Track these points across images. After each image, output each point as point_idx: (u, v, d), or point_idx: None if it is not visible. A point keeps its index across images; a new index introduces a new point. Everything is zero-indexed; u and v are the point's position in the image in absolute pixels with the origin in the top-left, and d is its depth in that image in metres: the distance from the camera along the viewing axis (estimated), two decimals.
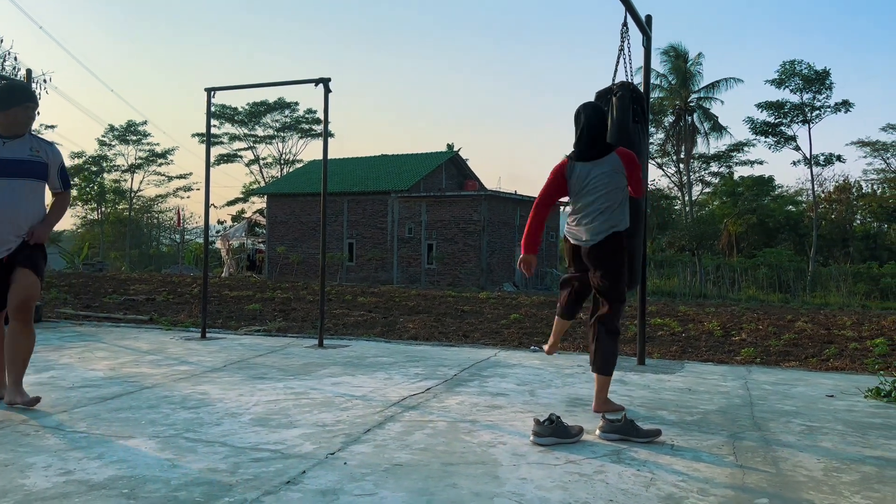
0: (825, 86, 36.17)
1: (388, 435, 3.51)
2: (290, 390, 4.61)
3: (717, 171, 45.70)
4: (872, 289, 29.91)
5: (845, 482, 2.93)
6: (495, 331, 10.59)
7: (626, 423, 3.51)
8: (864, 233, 44.38)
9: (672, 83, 40.13)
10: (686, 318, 14.01)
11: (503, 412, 4.09)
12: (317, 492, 2.67)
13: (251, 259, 39.78)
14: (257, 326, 9.94)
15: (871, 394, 4.87)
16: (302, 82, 7.06)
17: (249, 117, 54.17)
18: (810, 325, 13.02)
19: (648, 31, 6.12)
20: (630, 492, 2.75)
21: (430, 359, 6.15)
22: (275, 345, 6.96)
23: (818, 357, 8.36)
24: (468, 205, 32.08)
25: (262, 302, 15.18)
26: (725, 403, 4.52)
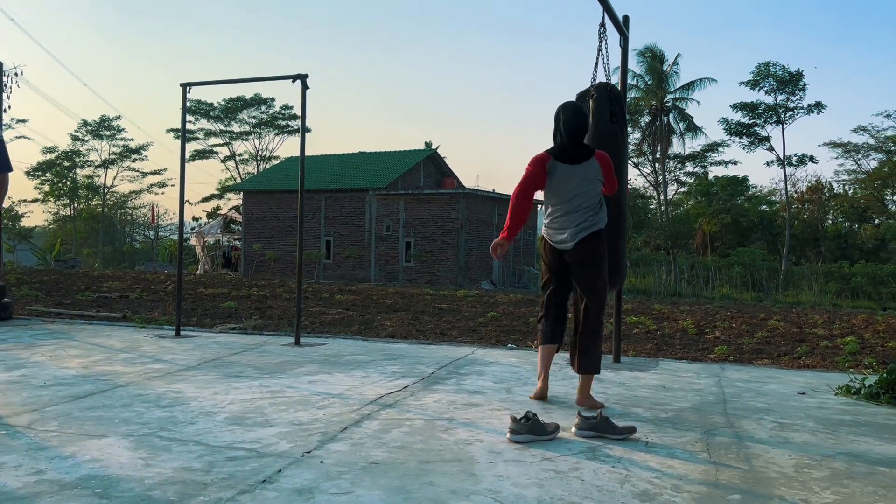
0: (798, 87, 36.71)
1: (364, 433, 3.51)
2: (265, 389, 4.58)
3: (692, 171, 46.21)
4: (843, 288, 30.44)
5: (816, 478, 2.98)
6: (473, 329, 10.61)
7: (602, 421, 3.54)
8: (836, 233, 45.13)
9: (648, 83, 40.45)
10: (661, 316, 14.15)
11: (480, 410, 4.10)
12: (293, 491, 2.66)
13: (227, 256, 39.45)
14: (233, 324, 9.85)
15: (841, 391, 4.95)
16: (279, 78, 7.02)
17: (225, 113, 53.66)
18: (783, 323, 13.22)
19: (626, 31, 6.16)
20: (605, 488, 2.77)
21: (408, 357, 6.15)
22: (250, 343, 6.91)
23: (790, 355, 8.49)
24: (446, 203, 32.09)
25: (237, 300, 15.05)
26: (699, 401, 4.57)
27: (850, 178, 43.42)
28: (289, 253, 34.85)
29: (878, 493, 2.81)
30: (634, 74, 39.75)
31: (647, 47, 40.00)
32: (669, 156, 42.86)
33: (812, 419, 4.12)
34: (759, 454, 3.33)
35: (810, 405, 4.54)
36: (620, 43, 6.19)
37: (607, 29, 5.41)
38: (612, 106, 5.00)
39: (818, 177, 54.81)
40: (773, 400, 4.67)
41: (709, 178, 47.01)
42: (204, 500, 2.55)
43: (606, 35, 5.36)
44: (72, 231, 57.76)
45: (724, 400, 4.63)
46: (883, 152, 39.77)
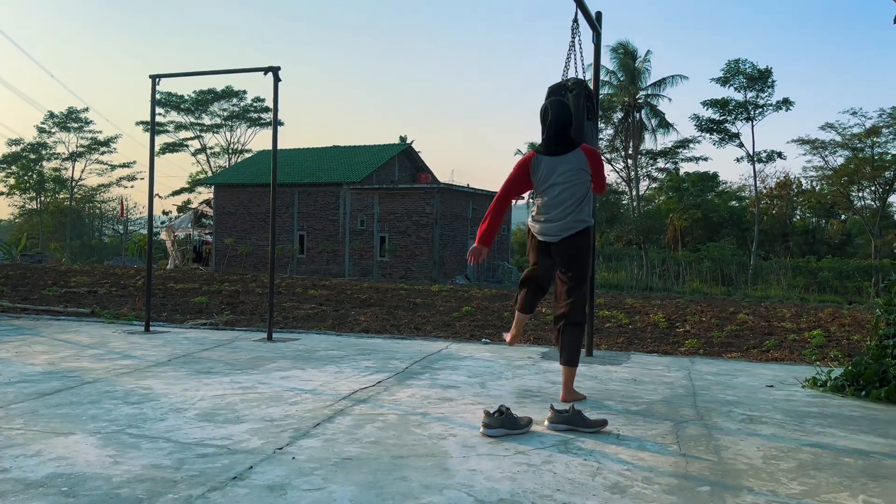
0: (767, 84, 37.27)
1: (337, 429, 3.49)
2: (237, 385, 4.54)
3: (663, 167, 46.69)
4: (811, 282, 31.00)
5: (783, 469, 3.03)
6: (447, 323, 10.62)
7: (574, 414, 3.57)
8: (804, 228, 45.96)
9: (621, 80, 40.75)
10: (633, 310, 14.29)
11: (454, 404, 4.11)
12: (264, 487, 2.64)
13: (197, 251, 39.00)
14: (204, 320, 9.75)
15: (808, 384, 5.04)
16: (251, 70, 6.94)
17: (196, 105, 53.00)
18: (751, 317, 13.43)
19: (598, 27, 6.19)
20: (577, 481, 2.79)
21: (382, 352, 6.14)
22: (222, 338, 6.84)
23: (759, 348, 8.63)
24: (421, 197, 32.05)
25: (208, 295, 14.90)
26: (669, 393, 4.62)
27: (818, 175, 44.25)
28: (261, 247, 34.55)
29: (843, 483, 2.87)
30: (607, 71, 40.03)
31: (619, 43, 40.31)
32: (641, 152, 43.25)
33: (780, 411, 4.19)
34: (728, 446, 3.38)
35: (778, 398, 4.62)
36: (593, 39, 6.22)
37: (580, 25, 5.43)
38: (588, 102, 5.02)
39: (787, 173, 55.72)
40: (741, 392, 4.74)
41: (680, 174, 47.56)
42: (174, 497, 2.52)
43: (579, 31, 5.37)
44: (38, 225, 56.66)
45: (694, 393, 4.68)
46: (849, 149, 40.56)
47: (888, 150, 39.17)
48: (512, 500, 2.56)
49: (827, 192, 44.11)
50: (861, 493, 2.75)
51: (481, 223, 4.28)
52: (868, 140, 39.18)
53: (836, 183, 41.90)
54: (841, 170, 41.17)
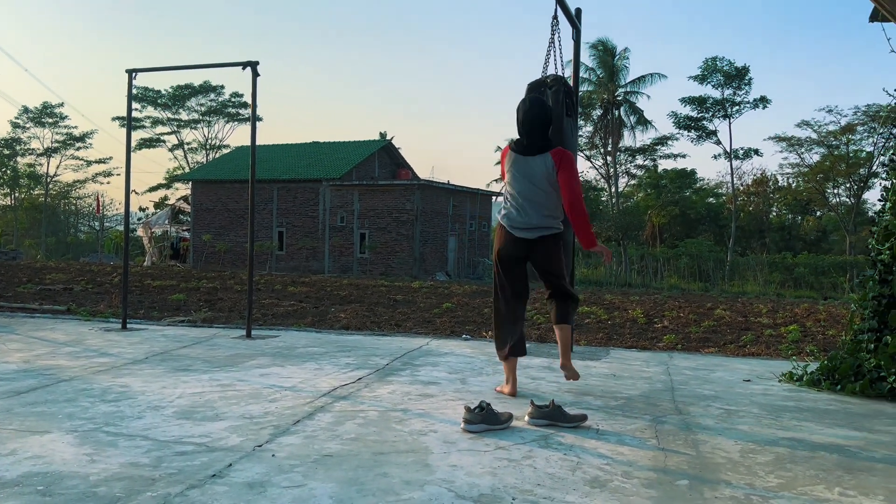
0: (745, 82, 37.65)
1: (318, 426, 3.48)
2: (215, 382, 4.50)
3: (642, 164, 47.00)
4: (787, 278, 31.40)
5: (760, 463, 3.07)
6: (428, 320, 10.62)
7: (554, 409, 3.58)
8: (780, 224, 46.52)
9: (600, 77, 40.95)
10: (612, 305, 14.38)
11: (435, 400, 4.11)
12: (243, 484, 2.62)
13: (175, 247, 38.62)
14: (181, 317, 9.67)
15: (784, 378, 5.11)
16: (229, 65, 6.87)
17: (173, 100, 52.42)
18: (728, 312, 13.57)
19: (578, 24, 6.21)
20: (557, 476, 2.80)
21: (362, 348, 6.12)
22: (200, 336, 6.79)
23: (736, 343, 8.73)
24: (401, 194, 31.99)
25: (186, 292, 14.76)
26: (648, 388, 4.66)
27: (794, 172, 44.81)
28: (240, 244, 34.30)
29: (819, 476, 2.91)
30: (586, 68, 40.19)
31: (598, 41, 40.52)
32: (620, 149, 43.54)
33: (757, 405, 4.24)
34: (706, 440, 3.41)
35: (755, 392, 4.67)
36: (573, 36, 6.24)
37: (560, 21, 5.44)
38: (567, 99, 5.03)
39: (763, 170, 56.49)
40: (719, 387, 4.79)
41: (658, 171, 47.91)
42: (152, 495, 2.49)
43: (559, 28, 5.39)
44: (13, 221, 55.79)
45: (673, 387, 4.73)
46: (825, 146, 41.11)
47: (863, 148, 39.81)
48: (492, 495, 2.57)
49: (803, 188, 44.68)
50: (837, 485, 2.79)
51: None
52: (843, 137, 39.75)
53: (812, 180, 42.46)
54: (816, 167, 41.73)
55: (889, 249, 4.75)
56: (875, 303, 4.85)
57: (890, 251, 4.74)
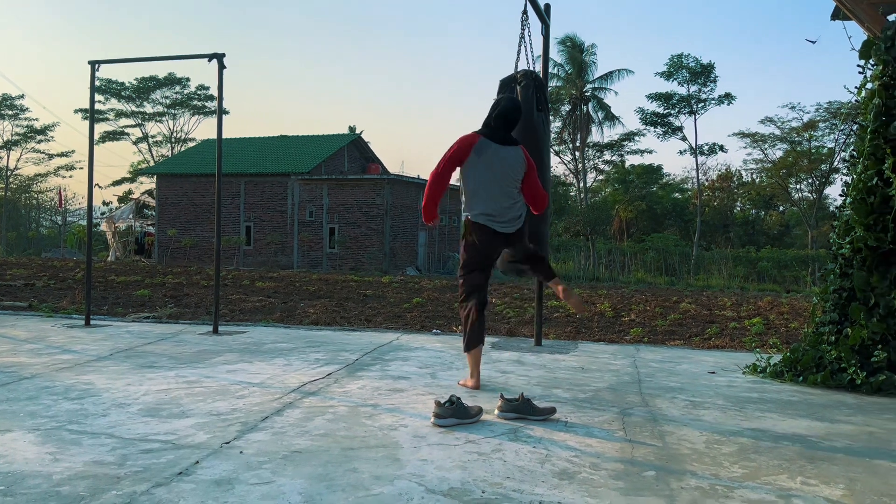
0: (710, 79, 38.17)
1: (286, 422, 3.45)
2: (182, 379, 4.45)
3: (609, 160, 47.44)
4: (750, 271, 31.95)
5: (725, 453, 3.13)
6: (398, 315, 10.61)
7: (523, 402, 3.61)
8: (744, 219, 47.31)
9: (569, 73, 41.18)
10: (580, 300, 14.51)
11: (405, 395, 4.11)
12: (211, 482, 2.59)
13: (139, 242, 37.99)
14: (147, 313, 9.52)
15: (748, 370, 5.21)
16: (194, 57, 6.78)
17: (137, 93, 51.46)
18: (694, 305, 13.78)
19: (547, 19, 6.23)
20: (526, 468, 2.82)
21: (332, 344, 6.09)
22: (166, 332, 6.69)
23: (701, 336, 8.87)
24: (371, 188, 31.85)
25: (151, 287, 14.55)
26: (616, 381, 4.72)
27: (758, 167, 45.57)
28: (206, 239, 33.87)
29: (783, 465, 2.97)
30: (555, 63, 40.39)
31: (567, 36, 40.69)
32: (589, 144, 43.84)
33: (721, 397, 4.31)
34: (673, 431, 3.47)
35: (720, 384, 4.76)
36: (542, 31, 6.26)
37: (529, 17, 5.46)
38: (538, 94, 5.06)
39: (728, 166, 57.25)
40: (685, 379, 4.87)
41: (625, 167, 48.39)
42: (117, 494, 2.45)
43: (529, 23, 5.41)
44: None
45: (639, 380, 4.79)
46: (787, 142, 41.86)
47: (825, 144, 40.62)
48: (462, 488, 2.58)
49: (766, 184, 45.49)
50: (799, 474, 2.85)
51: (425, 201, 4.21)
52: (806, 134, 40.52)
53: (775, 175, 43.23)
54: (780, 162, 42.50)
55: (849, 244, 4.86)
56: (836, 296, 4.96)
57: (850, 245, 4.85)
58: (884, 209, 4.73)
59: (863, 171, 4.87)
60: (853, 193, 4.92)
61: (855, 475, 2.85)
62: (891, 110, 4.77)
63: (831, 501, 2.56)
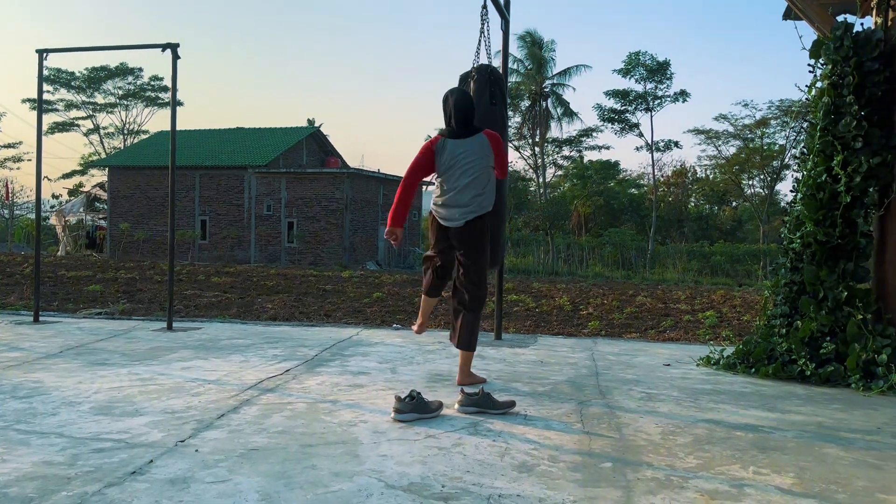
0: (666, 76, 38.77)
1: (243, 419, 3.40)
2: (135, 376, 4.35)
3: (568, 155, 47.88)
4: (704, 265, 32.61)
5: (680, 444, 3.18)
6: (358, 309, 10.55)
7: (483, 396, 3.62)
8: (698, 214, 48.25)
9: (528, 68, 41.40)
10: (539, 294, 14.63)
11: (365, 391, 4.08)
12: (165, 481, 2.54)
13: (91, 236, 37.04)
14: (98, 309, 9.30)
15: (702, 362, 5.31)
16: (147, 47, 6.62)
17: (88, 83, 50.09)
18: (649, 299, 14.01)
19: (507, 14, 6.25)
20: (486, 462, 2.83)
21: (290, 339, 6.02)
22: (118, 328, 6.54)
23: (656, 329, 9.02)
24: (330, 182, 31.57)
25: (103, 283, 14.21)
26: (574, 374, 4.76)
27: (711, 164, 46.49)
28: (160, 233, 33.20)
29: (735, 456, 3.04)
30: (515, 59, 40.55)
31: (527, 32, 40.91)
32: (548, 140, 44.17)
33: (676, 389, 4.39)
34: (629, 423, 3.52)
35: (675, 376, 4.84)
36: (502, 26, 6.27)
37: (489, 11, 5.46)
38: (492, 88, 5.06)
39: (682, 162, 58.33)
40: (641, 371, 4.94)
41: (584, 162, 48.90)
42: (67, 495, 2.38)
43: (488, 17, 5.40)
44: None
45: (597, 372, 4.84)
46: (740, 139, 42.81)
47: (776, 141, 41.65)
48: (422, 483, 2.57)
49: (719, 180, 46.45)
50: (751, 464, 2.92)
51: (393, 206, 4.26)
52: (758, 131, 41.48)
53: (728, 171, 44.17)
54: (733, 159, 43.43)
55: (800, 239, 4.99)
56: (787, 289, 5.09)
57: (801, 240, 4.98)
58: (832, 205, 4.87)
59: (812, 167, 5.00)
60: (803, 189, 5.05)
61: (804, 464, 2.93)
62: (839, 109, 4.91)
63: (782, 490, 2.62)
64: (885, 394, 4.35)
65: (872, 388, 4.41)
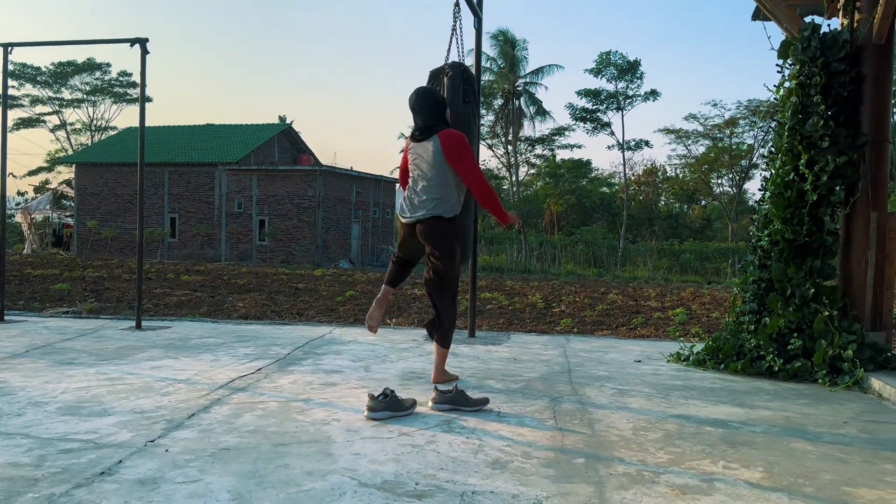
0: (636, 75, 39.14)
1: (214, 419, 3.36)
2: (103, 376, 4.28)
3: (541, 154, 48.13)
4: (674, 263, 33.01)
5: (651, 440, 3.21)
6: (331, 308, 10.50)
7: (457, 394, 3.62)
8: (668, 213, 48.82)
9: (501, 67, 41.52)
10: (513, 291, 14.69)
11: (338, 389, 4.06)
12: (135, 481, 2.50)
13: (57, 234, 36.37)
14: (65, 308, 9.14)
15: (672, 358, 5.37)
16: (116, 41, 6.51)
17: (55, 78, 49.15)
18: (621, 297, 14.15)
19: (479, 12, 6.25)
20: (460, 459, 2.84)
21: (262, 338, 5.97)
22: (86, 327, 6.43)
23: (627, 326, 9.11)
24: (303, 180, 31.36)
25: (70, 281, 13.96)
26: (546, 371, 4.79)
27: (681, 163, 47.08)
28: (128, 231, 32.69)
29: (706, 451, 3.08)
30: (488, 57, 40.65)
31: (499, 31, 41.03)
32: (521, 138, 44.36)
33: (647, 385, 4.43)
34: (601, 419, 3.54)
35: (646, 372, 4.89)
36: (475, 24, 6.27)
37: (462, 9, 5.46)
38: (464, 86, 5.05)
39: (653, 161, 58.94)
40: (612, 368, 4.99)
41: (556, 161, 49.19)
42: (34, 496, 2.34)
43: (461, 15, 5.40)
44: None
45: (569, 369, 4.87)
46: (710, 139, 43.39)
47: (744, 140, 42.30)
48: (396, 481, 2.57)
49: (689, 179, 47.04)
50: (721, 459, 2.96)
51: None
52: (727, 130, 42.08)
53: (698, 170, 44.75)
54: (702, 158, 44.01)
55: (768, 236, 5.07)
56: (755, 286, 5.17)
57: (769, 238, 5.06)
58: (800, 203, 4.95)
59: (780, 166, 5.08)
60: (771, 188, 5.13)
61: (773, 458, 2.98)
62: (807, 108, 5.00)
63: (751, 484, 2.66)
64: (851, 389, 4.44)
65: (838, 384, 4.50)
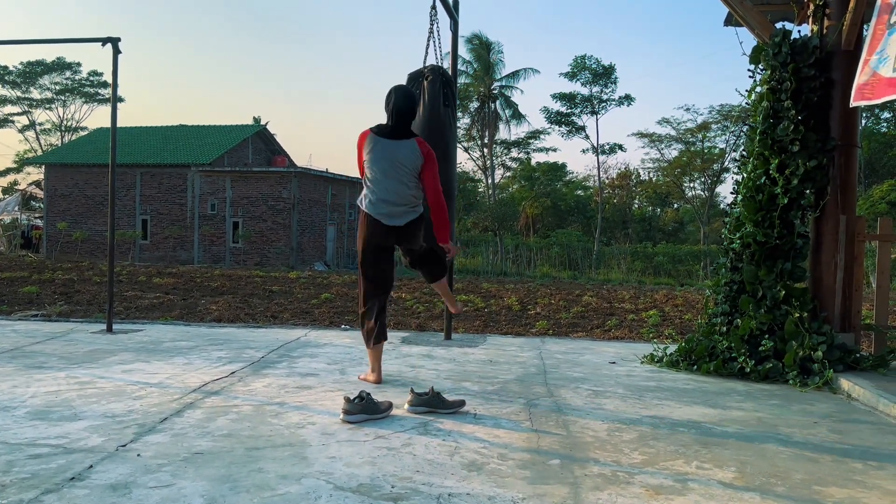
0: (611, 80, 39.50)
1: (186, 423, 3.32)
2: (73, 380, 4.20)
3: (516, 157, 48.38)
4: (647, 266, 33.32)
5: (626, 440, 3.24)
6: (306, 310, 10.43)
7: (433, 396, 3.61)
8: (641, 216, 49.31)
9: (476, 70, 41.64)
10: (488, 294, 14.72)
11: (313, 392, 4.03)
12: (106, 487, 2.46)
13: (26, 236, 35.73)
14: (34, 311, 8.97)
15: (646, 360, 5.42)
16: (87, 41, 6.41)
17: (23, 78, 48.30)
18: (595, 299, 14.25)
19: (455, 15, 6.26)
20: (436, 462, 2.83)
21: (236, 341, 5.91)
22: (55, 330, 6.31)
23: (602, 328, 9.17)
24: (277, 181, 31.13)
25: (39, 284, 13.71)
26: (522, 372, 4.80)
27: (654, 166, 47.64)
28: (99, 233, 32.21)
29: (679, 451, 3.10)
30: (464, 61, 40.75)
31: (474, 34, 41.14)
32: (496, 141, 44.54)
33: (622, 386, 4.47)
34: (576, 420, 3.56)
35: (620, 373, 4.93)
36: (451, 27, 6.28)
37: (438, 11, 5.47)
38: (444, 89, 5.06)
39: (627, 164, 59.58)
40: (587, 370, 5.01)
41: (532, 164, 49.45)
42: (2, 503, 2.29)
43: (438, 18, 5.41)
44: None
45: (545, 371, 4.89)
46: (682, 143, 43.94)
47: (716, 144, 42.92)
48: (371, 484, 2.55)
49: (662, 182, 47.58)
50: (694, 459, 2.99)
51: None
52: (699, 134, 42.65)
53: (671, 174, 45.28)
54: (675, 162, 44.54)
55: (740, 239, 5.14)
56: (727, 288, 5.23)
57: (740, 241, 5.13)
58: (771, 206, 5.03)
59: (752, 170, 5.16)
60: (743, 191, 5.20)
61: (745, 458, 3.02)
62: (778, 113, 5.08)
63: (724, 484, 2.69)
64: (821, 389, 4.52)
65: (809, 384, 4.57)
